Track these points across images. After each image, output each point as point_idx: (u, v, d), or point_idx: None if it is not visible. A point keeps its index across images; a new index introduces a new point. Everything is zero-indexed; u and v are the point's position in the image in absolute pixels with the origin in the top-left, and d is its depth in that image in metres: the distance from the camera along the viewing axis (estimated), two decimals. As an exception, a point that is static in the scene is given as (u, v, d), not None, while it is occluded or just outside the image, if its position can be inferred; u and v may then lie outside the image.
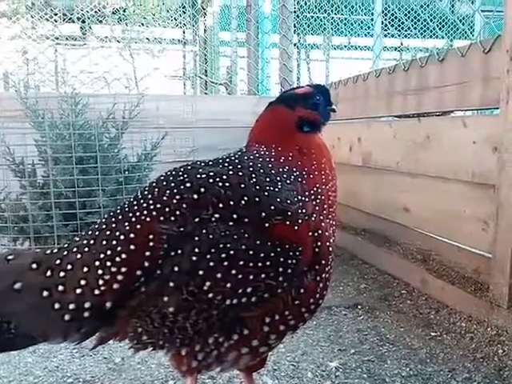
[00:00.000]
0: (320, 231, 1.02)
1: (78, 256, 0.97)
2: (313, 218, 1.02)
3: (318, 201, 1.05)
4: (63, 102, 2.12)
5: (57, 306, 0.95)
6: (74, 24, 6.37)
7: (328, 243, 1.05)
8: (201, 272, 0.92)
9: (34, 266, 0.97)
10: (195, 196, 0.96)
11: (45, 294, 0.95)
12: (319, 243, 1.01)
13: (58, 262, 0.98)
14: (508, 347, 1.51)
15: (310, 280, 1.01)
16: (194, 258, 0.92)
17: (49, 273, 0.96)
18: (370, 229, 2.57)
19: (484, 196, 1.75)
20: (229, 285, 0.93)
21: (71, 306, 0.94)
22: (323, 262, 1.03)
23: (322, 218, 1.04)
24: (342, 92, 2.87)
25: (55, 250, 1.02)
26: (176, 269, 0.93)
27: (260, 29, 4.10)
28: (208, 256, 0.92)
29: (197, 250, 0.93)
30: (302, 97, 1.16)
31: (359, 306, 1.92)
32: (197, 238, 0.94)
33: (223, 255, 0.92)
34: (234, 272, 0.92)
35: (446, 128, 1.98)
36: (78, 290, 0.95)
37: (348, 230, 2.67)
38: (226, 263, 0.92)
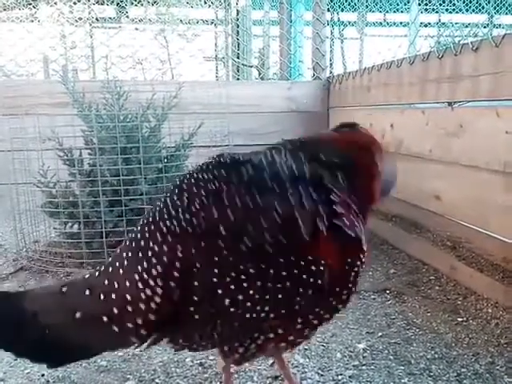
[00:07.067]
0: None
1: (121, 272, 1.03)
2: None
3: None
4: (107, 92, 2.25)
5: (116, 328, 1.02)
6: (109, 7, 6.51)
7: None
8: (220, 291, 0.96)
9: (87, 292, 1.04)
10: (229, 241, 0.96)
11: (105, 319, 1.01)
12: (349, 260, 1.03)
13: (106, 282, 1.03)
14: (533, 334, 1.56)
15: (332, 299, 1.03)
16: (215, 279, 0.96)
17: (102, 297, 1.02)
18: (400, 215, 2.62)
19: (515, 186, 1.77)
20: (249, 304, 0.97)
21: (129, 325, 1.01)
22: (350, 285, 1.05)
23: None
24: (375, 77, 2.88)
25: (102, 268, 1.08)
26: (199, 284, 0.97)
27: (293, 12, 4.09)
28: (228, 279, 0.96)
29: (217, 270, 0.96)
30: None
31: (388, 291, 1.99)
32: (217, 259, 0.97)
33: (243, 276, 0.96)
34: (251, 292, 0.96)
35: (479, 117, 1.99)
36: (129, 308, 1.00)
37: (379, 215, 2.71)
38: (245, 284, 0.96)
